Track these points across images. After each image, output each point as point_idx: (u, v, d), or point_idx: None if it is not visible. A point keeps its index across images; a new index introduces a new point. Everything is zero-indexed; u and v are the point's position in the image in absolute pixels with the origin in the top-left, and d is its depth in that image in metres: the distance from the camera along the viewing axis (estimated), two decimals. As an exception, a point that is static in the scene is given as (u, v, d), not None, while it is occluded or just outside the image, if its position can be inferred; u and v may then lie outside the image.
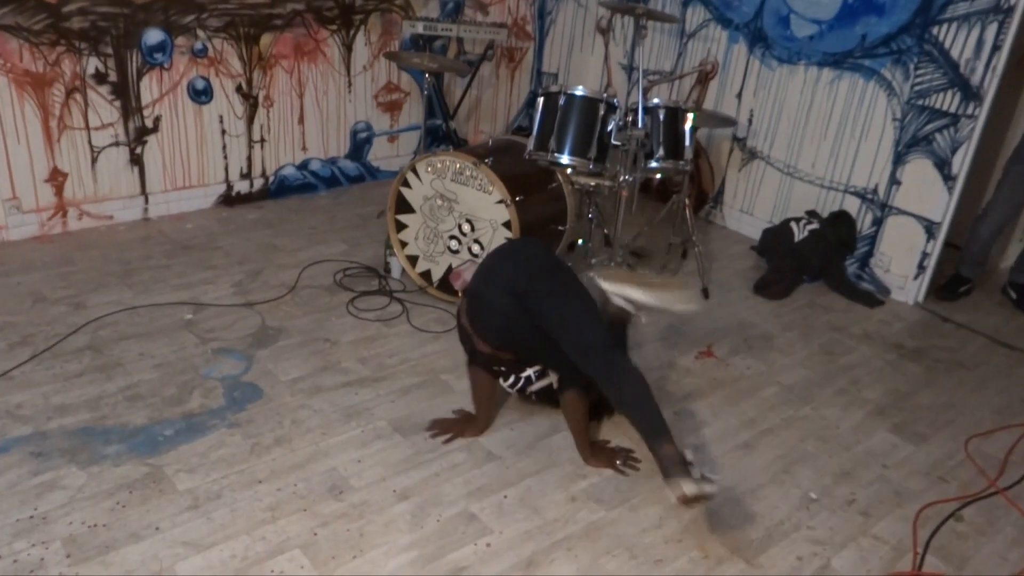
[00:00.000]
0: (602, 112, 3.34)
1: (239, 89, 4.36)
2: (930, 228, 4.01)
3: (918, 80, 3.90)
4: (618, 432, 2.90)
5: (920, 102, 3.92)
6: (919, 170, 3.99)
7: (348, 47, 4.69)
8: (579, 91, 3.34)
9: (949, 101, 3.82)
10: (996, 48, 3.62)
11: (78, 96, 3.87)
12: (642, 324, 2.89)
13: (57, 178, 3.94)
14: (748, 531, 2.51)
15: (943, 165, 3.90)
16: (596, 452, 2.74)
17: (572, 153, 3.34)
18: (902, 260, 4.15)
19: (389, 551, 2.30)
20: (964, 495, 2.76)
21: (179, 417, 2.77)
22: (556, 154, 3.34)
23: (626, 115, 3.43)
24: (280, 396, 2.94)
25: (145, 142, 4.15)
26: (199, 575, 2.16)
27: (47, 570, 2.13)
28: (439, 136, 5.18)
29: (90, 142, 3.98)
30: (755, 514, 2.59)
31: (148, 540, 2.25)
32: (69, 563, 2.15)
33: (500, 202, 3.39)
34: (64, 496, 2.38)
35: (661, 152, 3.45)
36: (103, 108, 3.96)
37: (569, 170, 3.51)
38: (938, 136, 3.89)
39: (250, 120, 4.47)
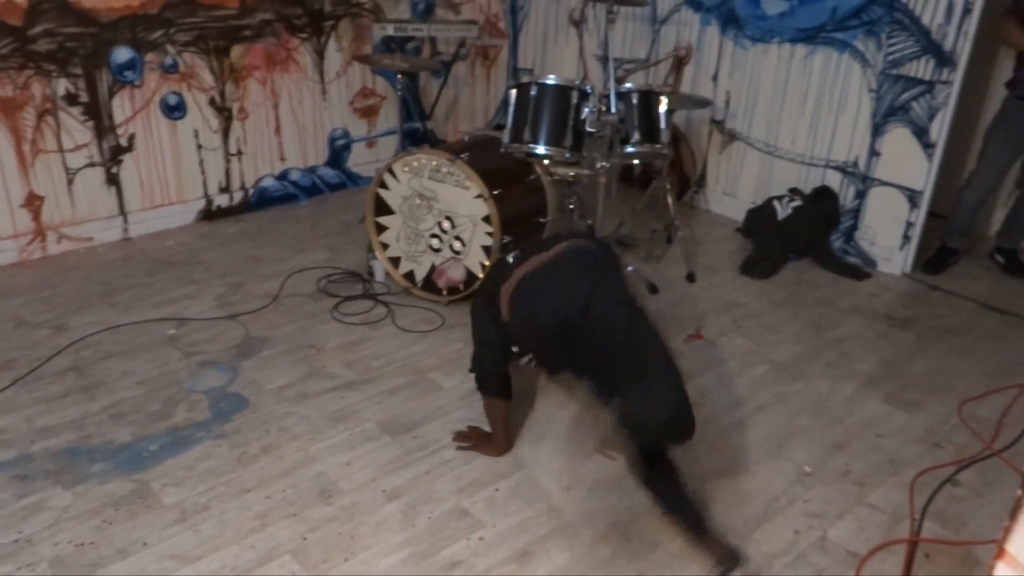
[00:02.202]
0: (575, 100, 3.32)
1: (212, 103, 4.34)
2: (912, 197, 4.00)
3: (891, 49, 3.89)
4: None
5: (894, 71, 3.90)
6: (898, 140, 3.98)
7: (320, 54, 4.67)
8: (550, 80, 3.32)
9: (923, 68, 3.80)
10: (967, 11, 3.60)
11: (50, 118, 3.84)
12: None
13: (33, 202, 3.91)
14: (744, 508, 2.49)
15: (921, 133, 3.88)
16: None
17: (547, 143, 3.31)
18: (887, 231, 4.13)
19: (381, 551, 2.27)
20: (960, 459, 2.74)
21: (164, 432, 2.74)
22: (531, 145, 3.32)
23: (600, 102, 3.41)
24: (266, 405, 2.91)
25: (121, 161, 4.13)
26: (189, 587, 2.13)
27: (34, 592, 2.10)
28: (417, 139, 5.16)
29: (65, 164, 3.96)
30: (750, 491, 2.56)
31: (136, 556, 2.22)
32: (56, 583, 2.13)
33: (478, 197, 3.37)
34: (50, 517, 2.35)
35: (637, 136, 3.43)
36: (76, 129, 3.94)
37: (546, 160, 3.48)
38: (915, 104, 3.87)
39: (226, 133, 4.45)
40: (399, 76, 4.19)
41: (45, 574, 2.15)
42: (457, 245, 3.51)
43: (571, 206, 3.94)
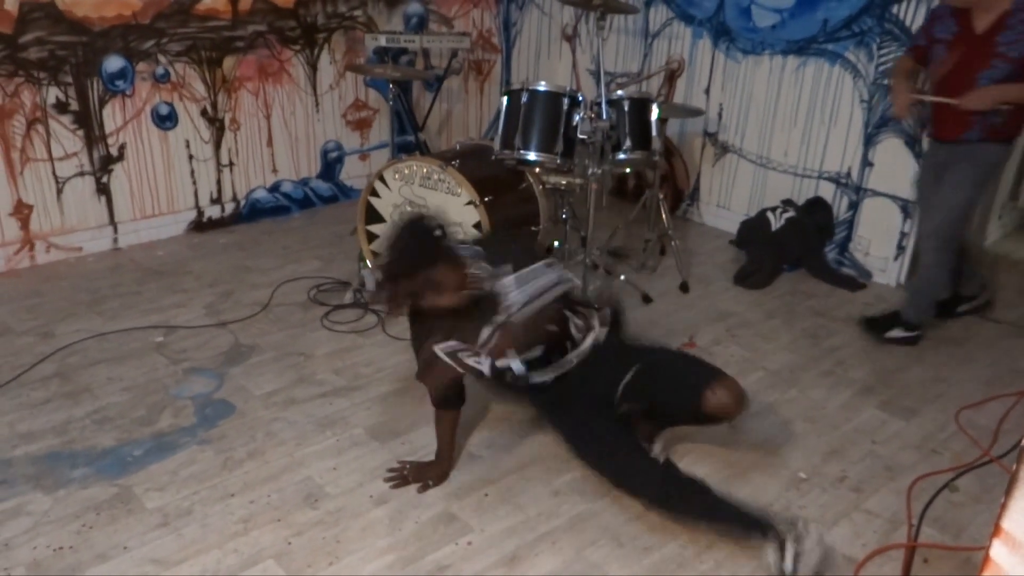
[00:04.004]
0: (566, 106, 3.32)
1: (204, 113, 4.33)
2: (906, 207, 3.98)
3: (882, 60, 3.89)
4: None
5: (886, 82, 3.90)
6: (890, 150, 3.97)
7: (313, 66, 4.67)
8: (541, 86, 3.32)
9: (914, 78, 3.80)
10: (956, 21, 3.61)
11: (40, 127, 3.83)
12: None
13: (22, 211, 3.89)
14: (737, 514, 2.44)
15: (913, 143, 3.88)
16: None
17: (538, 149, 3.31)
18: (881, 242, 4.11)
19: (366, 556, 2.22)
20: (957, 465, 2.70)
21: (149, 437, 2.69)
22: (522, 151, 3.31)
23: (591, 109, 3.41)
24: (253, 411, 2.86)
25: (111, 171, 4.11)
26: (168, 592, 2.08)
27: (9, 596, 2.05)
28: (410, 151, 5.13)
29: (54, 173, 3.94)
30: (745, 497, 2.51)
31: (115, 560, 2.17)
32: (32, 587, 2.07)
33: (469, 203, 3.35)
34: (29, 522, 2.30)
35: (628, 143, 3.42)
36: (66, 138, 3.92)
37: (537, 167, 3.47)
38: (906, 114, 3.87)
39: (217, 144, 4.44)
40: (391, 86, 4.19)
41: (21, 579, 2.10)
42: (448, 253, 3.48)
43: (564, 215, 3.93)
